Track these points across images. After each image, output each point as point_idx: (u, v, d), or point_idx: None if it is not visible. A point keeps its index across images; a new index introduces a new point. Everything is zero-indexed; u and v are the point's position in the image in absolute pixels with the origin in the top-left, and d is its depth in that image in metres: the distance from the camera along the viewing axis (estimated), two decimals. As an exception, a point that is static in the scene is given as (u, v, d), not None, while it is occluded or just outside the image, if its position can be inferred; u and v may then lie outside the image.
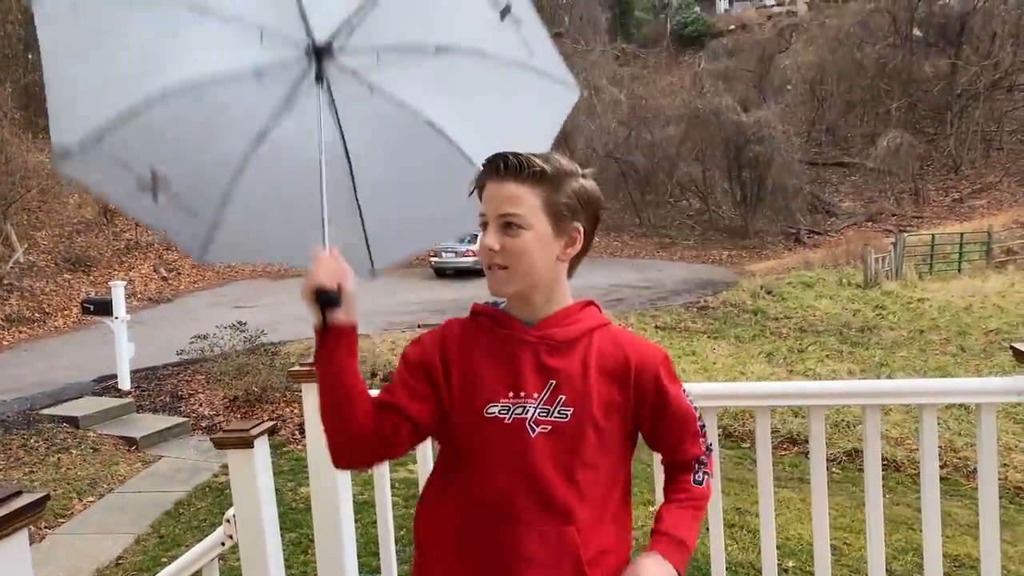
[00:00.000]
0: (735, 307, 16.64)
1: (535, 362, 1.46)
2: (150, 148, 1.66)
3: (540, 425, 1.43)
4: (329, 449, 1.51)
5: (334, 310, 1.44)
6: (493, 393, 1.45)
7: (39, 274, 17.02)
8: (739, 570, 4.64)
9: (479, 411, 1.45)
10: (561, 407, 1.44)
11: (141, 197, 1.69)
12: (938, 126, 35.23)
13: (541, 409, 1.44)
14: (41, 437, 8.33)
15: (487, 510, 1.46)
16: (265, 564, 2.68)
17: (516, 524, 1.44)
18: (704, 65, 37.37)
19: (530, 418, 1.44)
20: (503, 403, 1.45)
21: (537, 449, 1.43)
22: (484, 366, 1.48)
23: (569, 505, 1.44)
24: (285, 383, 9.30)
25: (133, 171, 1.66)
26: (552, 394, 1.44)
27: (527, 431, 1.43)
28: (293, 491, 6.62)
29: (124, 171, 1.66)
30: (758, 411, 2.49)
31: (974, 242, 23.72)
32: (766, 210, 29.68)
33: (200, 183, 1.76)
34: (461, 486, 1.52)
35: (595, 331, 1.51)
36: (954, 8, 34.70)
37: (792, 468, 7.16)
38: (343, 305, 1.44)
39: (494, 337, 1.49)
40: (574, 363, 1.46)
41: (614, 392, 1.47)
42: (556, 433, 1.43)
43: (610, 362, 1.48)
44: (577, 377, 1.45)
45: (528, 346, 1.47)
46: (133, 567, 5.72)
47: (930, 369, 10.68)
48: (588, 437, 1.44)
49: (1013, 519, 4.42)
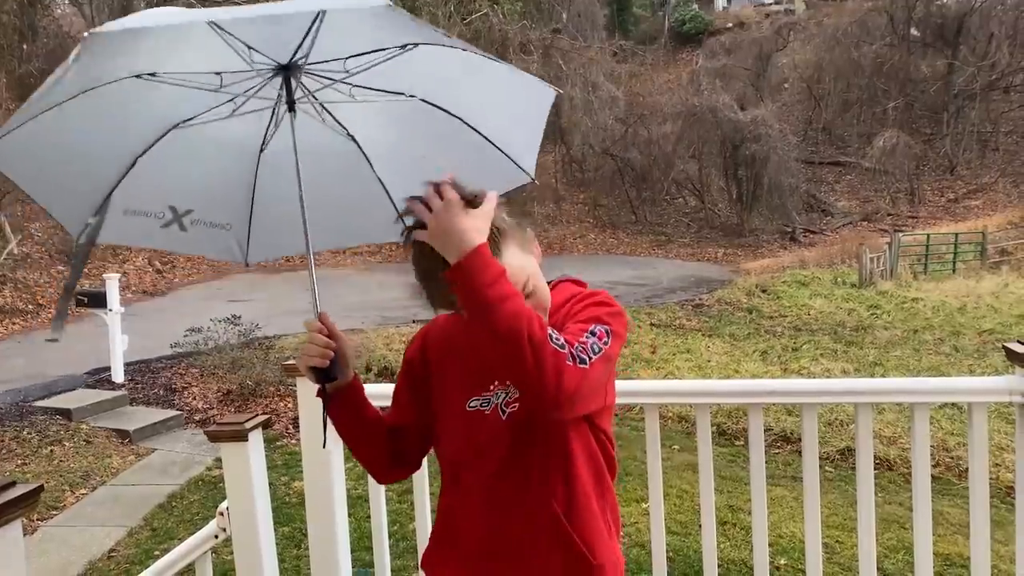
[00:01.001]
0: (730, 305, 16.66)
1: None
2: (159, 190, 1.90)
3: (509, 406, 1.51)
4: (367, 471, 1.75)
5: (331, 382, 1.58)
6: (474, 388, 1.53)
7: (33, 266, 16.94)
8: (731, 567, 4.65)
9: (461, 406, 1.54)
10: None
11: (169, 232, 1.93)
12: (934, 126, 35.26)
13: (510, 392, 1.51)
14: (34, 429, 8.30)
15: (474, 497, 1.55)
16: (258, 557, 2.68)
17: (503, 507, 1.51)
18: (701, 63, 37.30)
19: (500, 403, 1.51)
20: (484, 396, 1.53)
21: (511, 430, 1.50)
22: (464, 362, 1.56)
23: (552, 481, 1.50)
24: (279, 377, 9.28)
25: (151, 214, 1.90)
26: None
27: (499, 415, 1.51)
28: (286, 485, 6.62)
29: (143, 218, 1.89)
30: (751, 408, 2.50)
31: (969, 242, 23.75)
32: (762, 208, 29.68)
33: (220, 202, 1.98)
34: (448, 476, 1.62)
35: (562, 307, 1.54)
36: (951, 8, 34.72)
37: (785, 466, 7.18)
38: (339, 374, 1.57)
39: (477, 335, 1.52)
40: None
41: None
42: (523, 410, 1.49)
43: (554, 316, 1.52)
44: None
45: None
46: (125, 560, 5.71)
47: (924, 369, 10.71)
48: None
49: (1004, 519, 4.43)
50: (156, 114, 1.81)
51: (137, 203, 1.86)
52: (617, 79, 30.97)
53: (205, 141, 1.88)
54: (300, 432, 2.81)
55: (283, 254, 2.17)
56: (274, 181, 1.95)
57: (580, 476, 1.51)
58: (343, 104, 1.89)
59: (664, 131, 30.11)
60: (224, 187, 1.98)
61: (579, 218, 30.02)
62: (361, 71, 1.78)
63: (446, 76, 1.84)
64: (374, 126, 1.98)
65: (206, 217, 1.96)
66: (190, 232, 1.95)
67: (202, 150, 1.90)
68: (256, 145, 1.95)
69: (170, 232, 1.93)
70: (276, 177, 1.92)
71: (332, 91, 1.85)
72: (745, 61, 37.24)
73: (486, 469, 1.52)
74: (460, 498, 1.59)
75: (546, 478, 1.49)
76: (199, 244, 2.04)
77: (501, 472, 1.51)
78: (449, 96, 1.89)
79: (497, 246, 1.41)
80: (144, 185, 1.84)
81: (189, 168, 1.91)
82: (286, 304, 13.52)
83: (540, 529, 1.49)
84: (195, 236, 1.97)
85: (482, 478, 1.53)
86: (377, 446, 1.65)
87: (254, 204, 2.00)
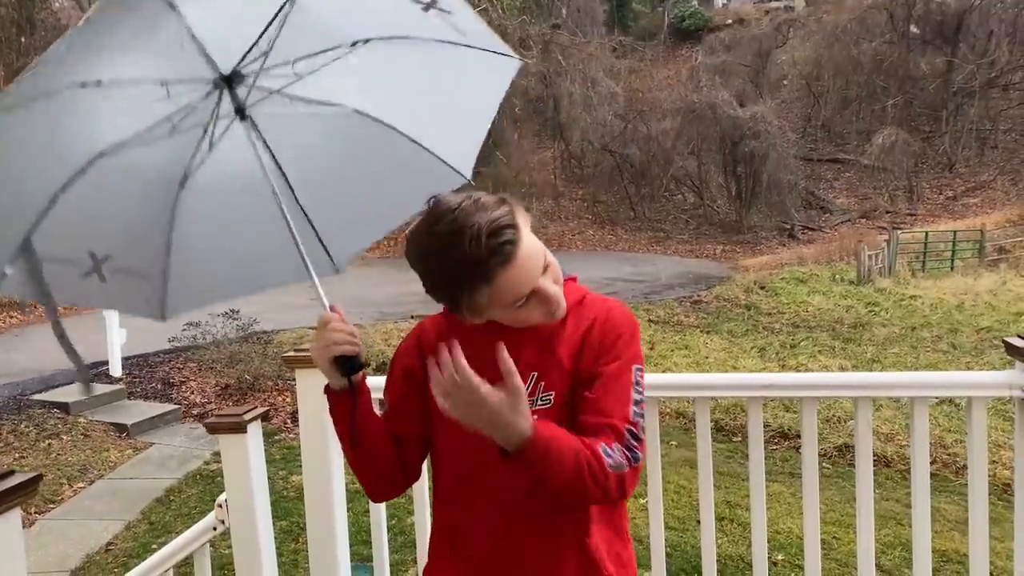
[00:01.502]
0: (728, 302, 16.68)
1: (516, 357, 1.38)
2: (80, 232, 1.58)
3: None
4: (363, 488, 1.57)
5: (356, 373, 1.45)
6: None
7: (31, 259, 16.93)
8: (729, 563, 4.66)
9: None
10: (543, 393, 1.43)
11: (88, 283, 1.59)
12: (933, 124, 35.26)
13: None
14: (32, 422, 8.30)
15: (480, 507, 1.46)
16: (257, 550, 2.68)
17: (512, 517, 1.43)
18: (701, 59, 37.28)
19: None
20: None
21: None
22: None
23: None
24: (278, 371, 9.28)
25: (71, 261, 1.58)
26: (534, 384, 1.43)
27: None
28: (285, 479, 6.62)
29: (63, 266, 1.58)
30: (750, 403, 2.50)
31: (967, 240, 23.78)
32: (760, 205, 29.70)
33: (139, 246, 1.66)
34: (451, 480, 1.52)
35: (571, 311, 1.47)
36: (951, 6, 34.67)
37: (783, 462, 7.19)
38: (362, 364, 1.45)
39: (472, 334, 1.43)
40: (550, 346, 1.45)
41: (588, 362, 1.44)
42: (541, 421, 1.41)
43: (583, 333, 1.46)
44: (557, 363, 1.44)
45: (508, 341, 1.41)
46: (123, 553, 5.72)
47: (921, 366, 10.72)
48: (569, 414, 1.43)
49: (1001, 515, 4.43)
50: (89, 133, 1.55)
51: (57, 248, 1.54)
52: (616, 75, 30.97)
53: (132, 168, 1.59)
54: (299, 426, 2.81)
55: (206, 304, 1.84)
56: (199, 216, 1.67)
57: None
58: (276, 117, 1.66)
59: (663, 127, 30.10)
60: (143, 226, 1.66)
61: (578, 214, 30.02)
62: (308, 75, 1.59)
63: (384, 71, 1.67)
64: (299, 144, 1.73)
65: (127, 264, 1.65)
66: (109, 282, 1.62)
67: (128, 179, 1.61)
68: (179, 172, 1.65)
69: (90, 284, 1.60)
70: (203, 210, 1.67)
71: (269, 103, 1.62)
72: (744, 58, 37.21)
73: (494, 483, 1.42)
74: (462, 513, 1.51)
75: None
76: (117, 298, 1.76)
77: (511, 486, 1.40)
78: (381, 97, 1.71)
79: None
80: (65, 221, 1.53)
81: (113, 202, 1.61)
82: (284, 299, 13.43)
83: (553, 542, 1.43)
84: (112, 287, 1.64)
85: (490, 492, 1.44)
86: (390, 455, 1.53)
87: (172, 245, 1.67)
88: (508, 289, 1.34)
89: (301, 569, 4.90)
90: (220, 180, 1.64)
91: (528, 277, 1.35)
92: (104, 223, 1.62)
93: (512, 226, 1.32)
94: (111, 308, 1.64)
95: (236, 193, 1.68)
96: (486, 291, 1.33)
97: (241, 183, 1.65)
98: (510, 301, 1.36)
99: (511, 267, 1.32)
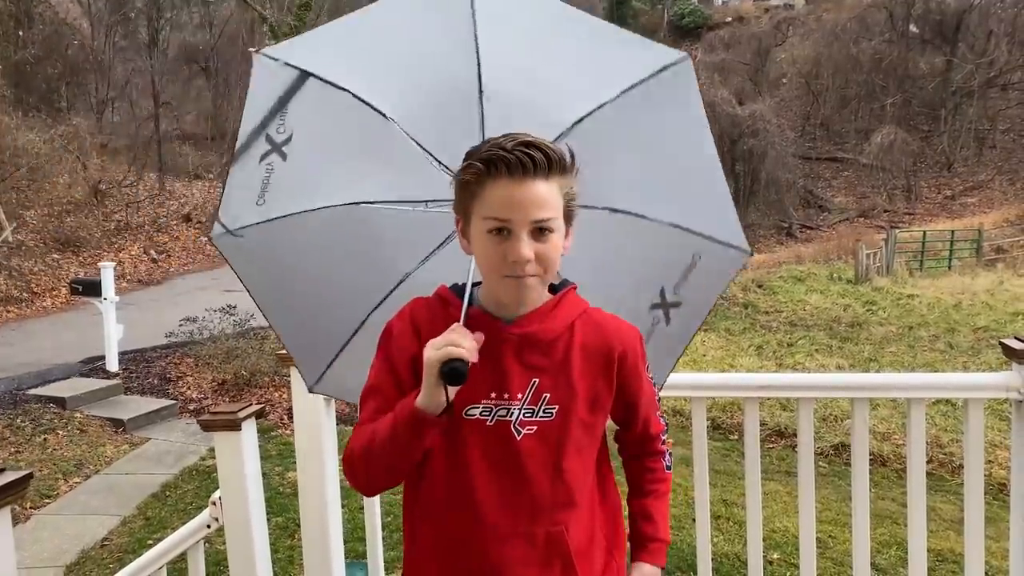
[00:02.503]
0: (725, 300, 16.66)
1: (518, 361, 1.38)
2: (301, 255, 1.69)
3: (526, 427, 1.37)
4: (365, 489, 1.47)
5: (459, 385, 1.28)
6: (474, 393, 1.36)
7: (28, 254, 16.87)
8: (724, 561, 4.66)
9: (458, 412, 1.36)
10: (546, 406, 1.38)
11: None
12: (932, 123, 35.29)
13: (526, 410, 1.37)
14: (28, 417, 8.28)
15: (470, 514, 1.39)
16: (251, 547, 2.67)
17: (502, 528, 1.38)
18: (700, 57, 37.25)
19: (515, 421, 1.37)
20: (484, 404, 1.37)
21: (524, 452, 1.37)
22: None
23: (557, 504, 1.39)
24: (274, 368, 9.26)
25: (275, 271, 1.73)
26: (535, 393, 1.37)
27: (513, 434, 1.37)
28: (280, 476, 6.61)
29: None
30: (747, 402, 2.49)
31: (965, 240, 23.80)
32: (759, 204, 29.71)
33: (326, 319, 1.75)
34: (439, 488, 1.42)
35: (576, 321, 1.42)
36: (951, 6, 34.71)
37: (779, 461, 7.19)
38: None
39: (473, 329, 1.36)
40: (557, 360, 1.39)
41: (599, 384, 1.42)
42: (542, 433, 1.37)
43: (594, 353, 1.41)
44: (560, 374, 1.39)
45: (509, 344, 1.38)
46: (119, 548, 5.71)
47: (918, 365, 10.73)
48: (573, 433, 1.39)
49: (997, 515, 4.44)
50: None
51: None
52: (616, 72, 30.90)
53: (371, 230, 1.65)
54: (294, 422, 2.80)
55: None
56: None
57: (586, 493, 1.44)
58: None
59: (662, 125, 30.05)
60: (342, 305, 1.77)
61: (576, 212, 30.00)
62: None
63: (625, 151, 1.61)
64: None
65: (309, 323, 1.81)
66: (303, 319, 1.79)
67: (363, 241, 1.68)
68: (400, 269, 1.71)
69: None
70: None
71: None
72: (744, 56, 37.23)
73: (486, 487, 1.37)
74: (448, 518, 1.42)
75: (554, 500, 1.39)
76: (294, 338, 1.87)
77: (501, 490, 1.37)
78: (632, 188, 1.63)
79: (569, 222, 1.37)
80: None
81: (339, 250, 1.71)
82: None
83: (538, 552, 1.39)
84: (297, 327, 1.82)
85: (477, 496, 1.38)
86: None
87: (348, 345, 1.76)
88: (498, 196, 1.28)
89: (297, 565, 4.89)
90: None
91: (521, 207, 1.27)
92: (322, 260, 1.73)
93: (548, 159, 1.27)
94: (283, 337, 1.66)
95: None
96: (484, 183, 1.29)
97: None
98: (491, 213, 1.29)
99: (515, 180, 1.27)
